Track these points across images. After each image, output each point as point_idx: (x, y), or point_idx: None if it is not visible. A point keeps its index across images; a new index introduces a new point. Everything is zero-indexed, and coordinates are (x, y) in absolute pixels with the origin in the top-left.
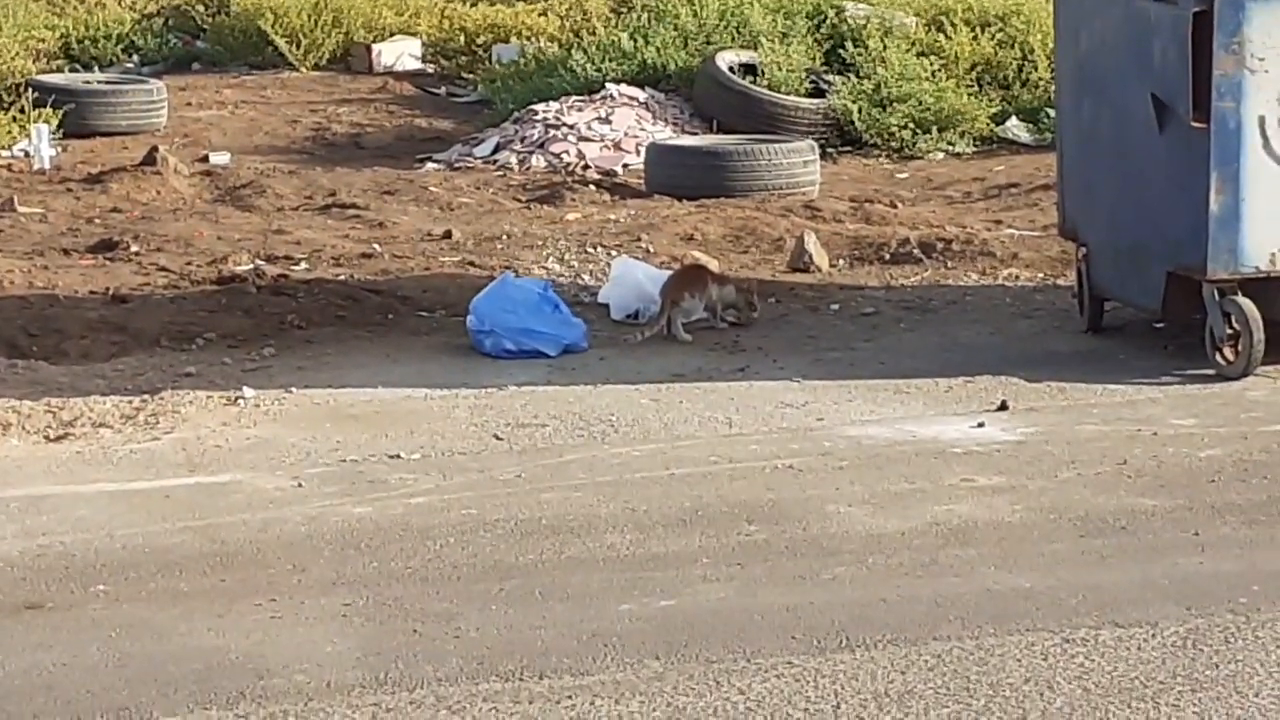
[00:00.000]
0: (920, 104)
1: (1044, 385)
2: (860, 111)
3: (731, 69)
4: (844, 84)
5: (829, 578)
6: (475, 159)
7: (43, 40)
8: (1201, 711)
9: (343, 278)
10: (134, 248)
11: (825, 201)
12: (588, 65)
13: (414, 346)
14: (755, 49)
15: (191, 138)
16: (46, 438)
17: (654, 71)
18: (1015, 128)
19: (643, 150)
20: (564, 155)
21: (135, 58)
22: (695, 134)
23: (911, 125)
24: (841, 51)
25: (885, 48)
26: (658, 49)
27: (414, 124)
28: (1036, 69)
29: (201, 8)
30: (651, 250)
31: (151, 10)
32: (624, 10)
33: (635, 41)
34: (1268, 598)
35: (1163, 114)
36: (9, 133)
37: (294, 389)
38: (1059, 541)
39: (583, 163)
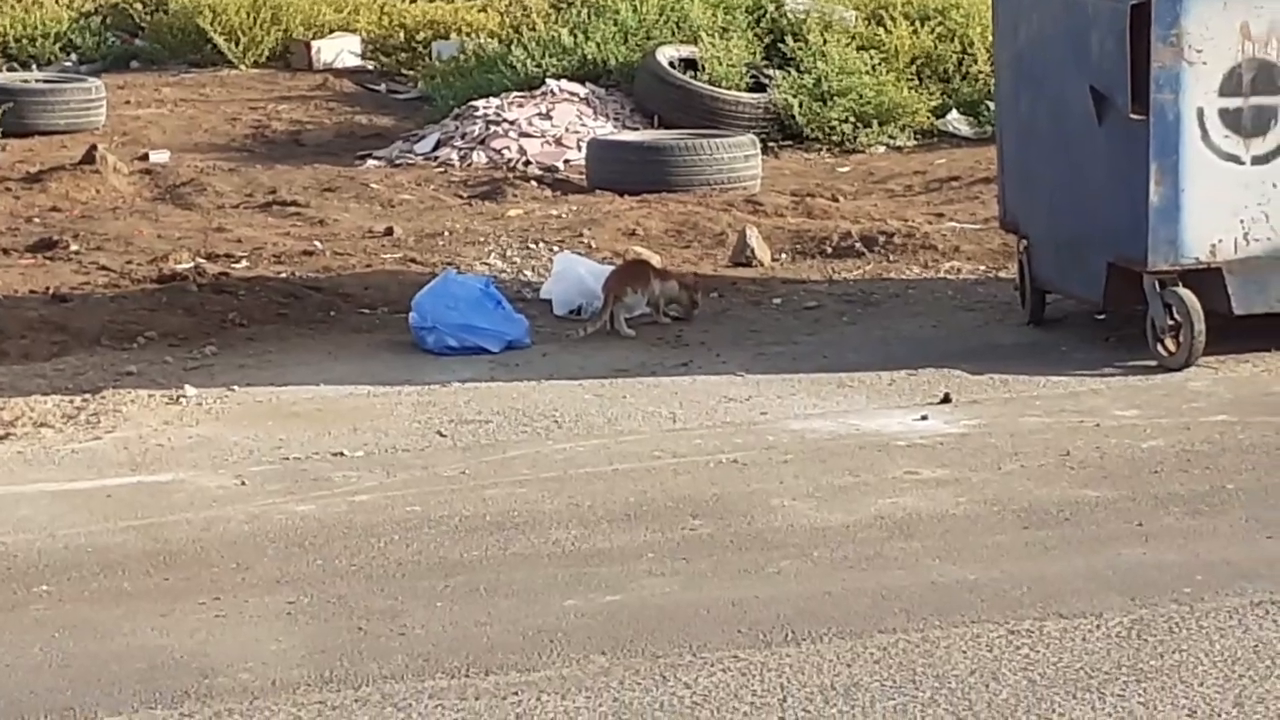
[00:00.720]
0: (860, 98)
1: (986, 378)
2: (801, 106)
3: (672, 64)
4: (784, 78)
5: (774, 571)
6: (416, 156)
7: None
8: (1147, 701)
9: (284, 275)
10: (74, 247)
11: (767, 196)
12: (528, 61)
13: (356, 344)
14: (695, 44)
15: (131, 136)
16: None
17: (594, 67)
18: (955, 121)
19: (584, 146)
20: (505, 151)
21: (73, 56)
22: (636, 129)
23: (852, 119)
24: (781, 46)
25: (825, 42)
26: (598, 44)
27: (354, 121)
28: (976, 62)
29: (140, 6)
30: (594, 246)
31: (89, 8)
32: (564, 6)
33: (575, 37)
34: (1211, 588)
35: (1101, 106)
36: None
37: (236, 387)
38: (1003, 533)
39: (524, 159)
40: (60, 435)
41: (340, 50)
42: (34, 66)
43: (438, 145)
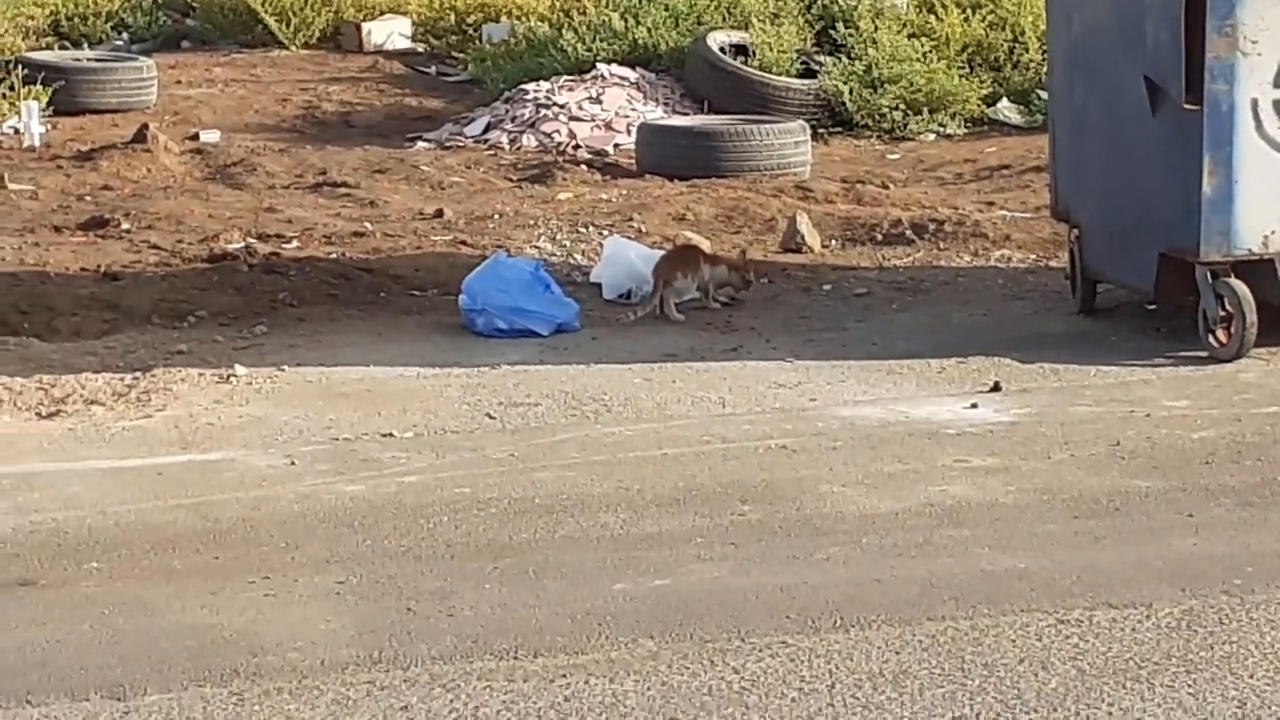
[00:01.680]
0: (911, 85)
1: (1037, 366)
2: (851, 92)
3: (723, 49)
4: (835, 65)
5: (823, 558)
6: (466, 138)
7: (32, 17)
8: (1196, 693)
9: (334, 256)
10: (125, 225)
11: (817, 182)
12: (578, 45)
13: (406, 325)
14: (746, 29)
15: (182, 116)
16: (39, 415)
17: (645, 51)
18: (1006, 109)
19: (634, 130)
20: (555, 135)
21: (125, 35)
22: (686, 114)
23: (903, 106)
24: (833, 32)
25: (876, 29)
26: (649, 29)
27: (404, 103)
28: (1028, 50)
29: None
30: (644, 230)
31: None
32: None
33: (626, 21)
34: (1262, 579)
35: (1155, 96)
36: None
37: (286, 367)
38: (1053, 522)
39: (574, 142)
40: (111, 413)
41: (391, 32)
42: (86, 45)
43: (488, 128)
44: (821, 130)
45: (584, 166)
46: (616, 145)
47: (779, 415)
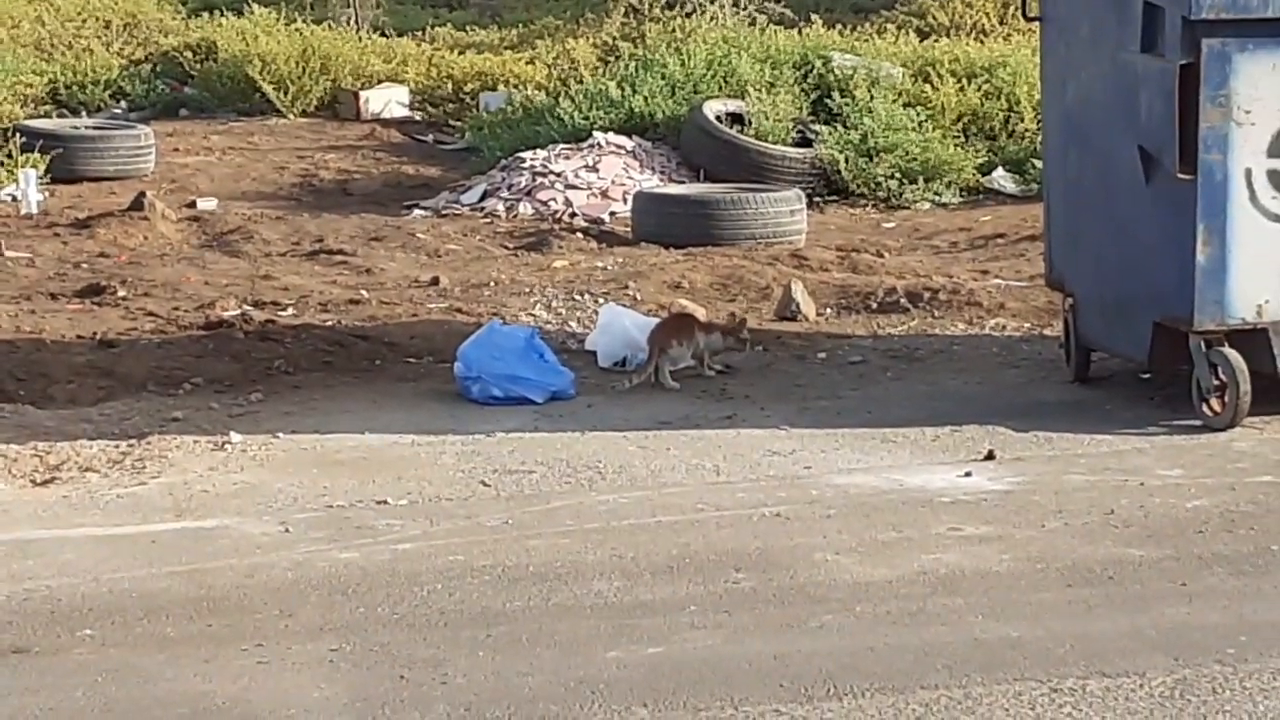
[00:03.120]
0: (907, 154)
1: (1031, 435)
2: (847, 161)
3: (719, 118)
4: (831, 134)
5: (816, 626)
6: (462, 206)
7: (30, 85)
8: None
9: (330, 324)
10: (121, 292)
11: (812, 250)
12: (575, 113)
13: (401, 392)
14: (742, 98)
15: (179, 183)
16: (33, 481)
17: (641, 120)
18: (1001, 178)
19: (630, 198)
20: (551, 203)
21: (123, 103)
22: (682, 182)
23: (898, 175)
24: (828, 101)
25: (872, 98)
26: (645, 98)
27: (401, 171)
28: (1023, 120)
29: (190, 54)
30: (639, 298)
31: (139, 56)
32: (611, 59)
33: (622, 90)
34: (1255, 648)
35: (1149, 166)
36: None
37: (281, 434)
38: (1046, 591)
39: (570, 210)
40: (106, 480)
41: (388, 100)
42: (84, 113)
43: (484, 196)
44: (817, 199)
45: (580, 234)
46: (613, 213)
47: (773, 483)
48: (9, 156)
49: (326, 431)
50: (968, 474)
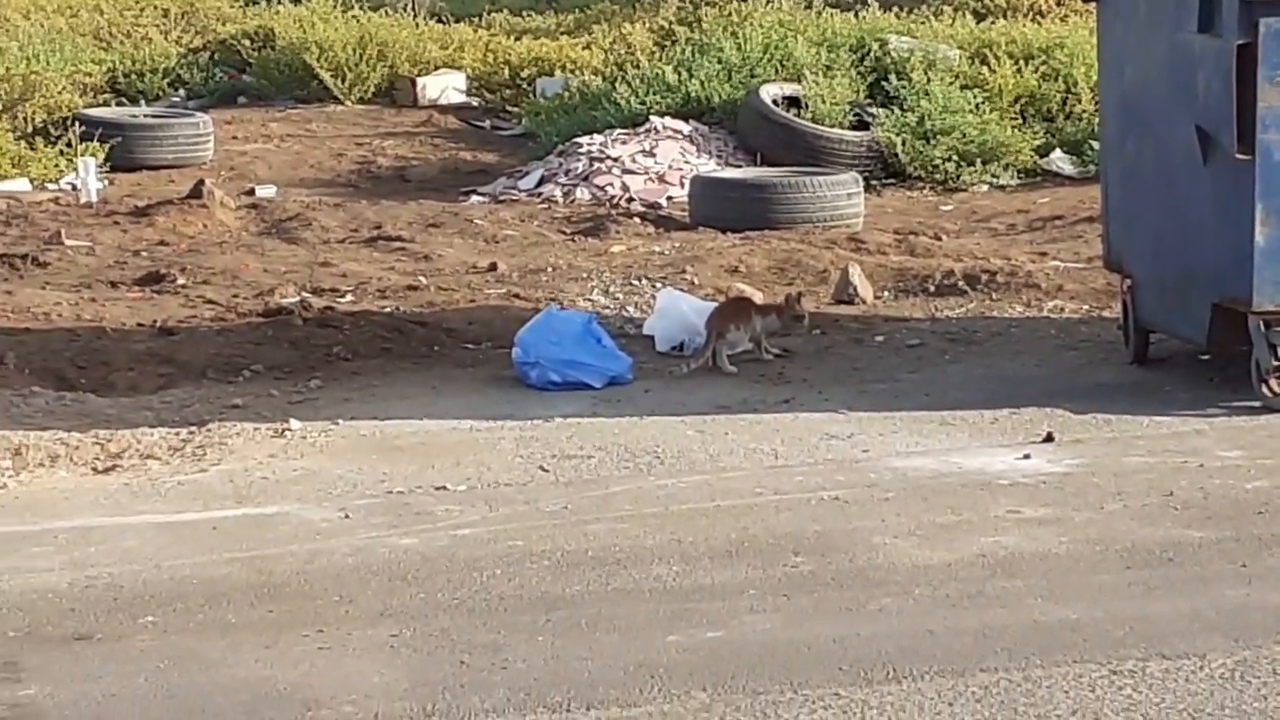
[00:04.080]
0: (964, 136)
1: (1090, 417)
2: (904, 144)
3: (775, 102)
4: (887, 117)
5: (875, 609)
6: (520, 192)
7: (89, 74)
8: None
9: (388, 310)
10: (181, 280)
11: (869, 234)
12: (631, 98)
13: (459, 378)
14: (799, 82)
15: (237, 171)
16: (94, 469)
17: (698, 104)
18: (1059, 160)
19: (687, 183)
20: (608, 188)
21: (181, 92)
22: (739, 166)
23: (955, 158)
24: (885, 84)
25: (929, 80)
26: (701, 82)
27: (459, 157)
28: (1080, 102)
29: (247, 42)
30: (696, 282)
31: (198, 45)
32: (667, 43)
33: (679, 74)
34: None
35: (1207, 146)
36: (56, 166)
37: (340, 421)
38: (1105, 573)
39: (627, 195)
40: (167, 467)
41: (445, 87)
42: (142, 102)
43: (541, 181)
44: (874, 182)
45: (637, 219)
46: (669, 198)
47: (831, 467)
48: (69, 145)
49: (385, 418)
50: (1026, 456)
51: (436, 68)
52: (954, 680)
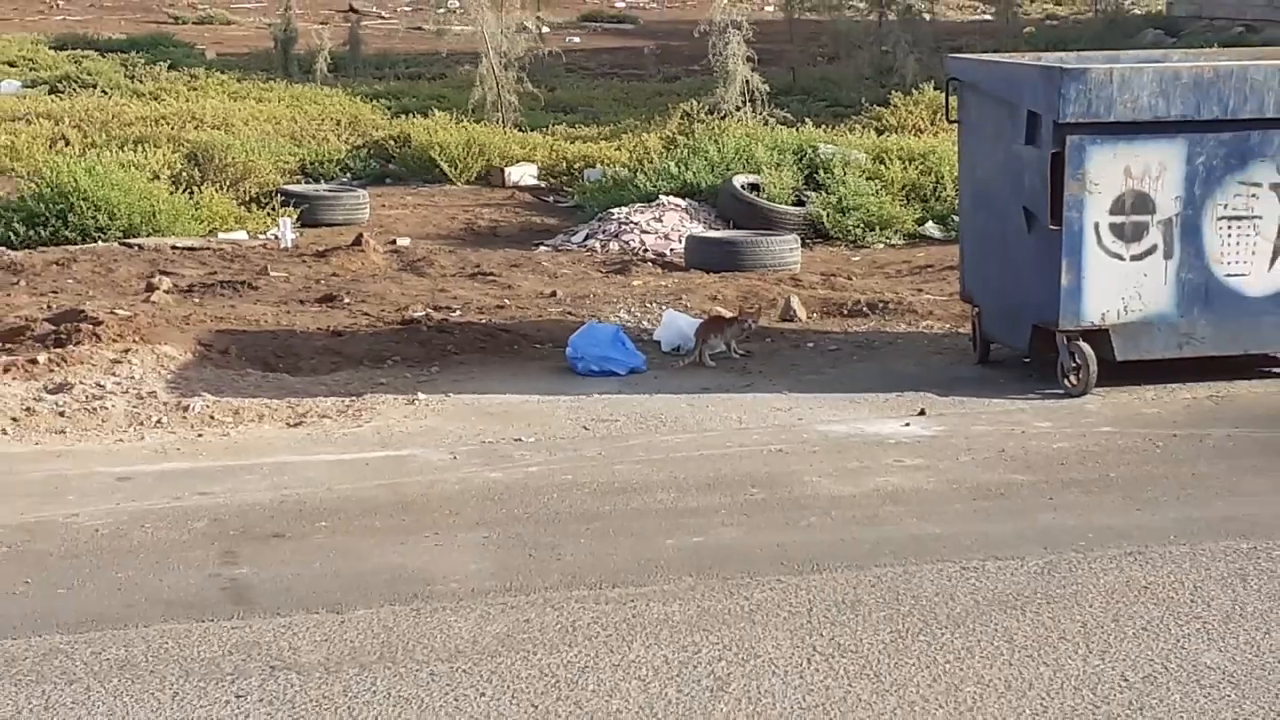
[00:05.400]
0: (868, 211)
1: (950, 399)
2: (828, 216)
3: (743, 187)
4: (818, 197)
5: (805, 525)
6: (572, 244)
7: (287, 162)
8: (1054, 616)
9: (483, 321)
10: (346, 300)
11: (804, 275)
12: (647, 183)
13: (530, 368)
14: (759, 173)
15: (384, 227)
16: (287, 424)
17: (692, 188)
18: (931, 228)
19: (684, 240)
20: (631, 243)
21: (348, 174)
22: (718, 230)
23: (862, 225)
24: (816, 176)
25: (845, 174)
26: (694, 173)
27: (531, 220)
28: (946, 189)
29: (392, 142)
30: (688, 306)
31: (359, 143)
32: (672, 147)
33: (679, 168)
34: (1099, 542)
35: (1031, 221)
36: (264, 223)
37: (451, 394)
38: (959, 503)
39: (644, 248)
40: (335, 424)
41: (523, 173)
42: (322, 180)
43: (586, 238)
44: (808, 241)
45: (650, 264)
46: (672, 249)
47: (777, 429)
48: (273, 209)
49: (481, 393)
50: (907, 424)
51: (517, 160)
52: (857, 572)
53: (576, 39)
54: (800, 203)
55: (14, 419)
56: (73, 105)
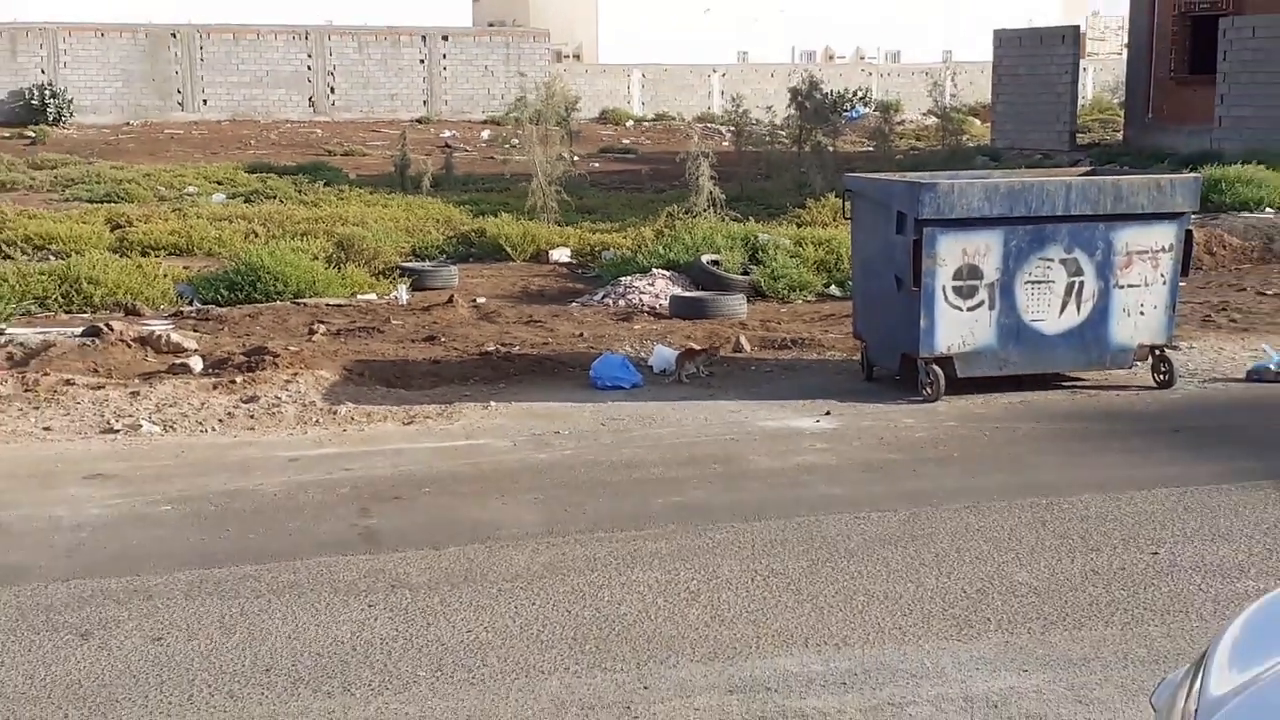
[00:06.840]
0: (791, 278)
1: (847, 404)
2: (765, 281)
3: (708, 262)
4: (758, 269)
5: (750, 488)
6: (594, 302)
7: (403, 248)
8: (917, 550)
9: (535, 353)
10: (442, 339)
11: (750, 321)
12: (644, 260)
13: (566, 384)
14: (719, 253)
15: (468, 291)
16: (402, 423)
17: (674, 263)
18: (834, 289)
19: (669, 298)
20: (633, 300)
21: (444, 255)
22: (692, 291)
23: (788, 287)
24: (757, 255)
25: (776, 253)
26: (675, 253)
27: (566, 285)
28: (843, 263)
29: (473, 233)
30: (671, 342)
31: (450, 234)
32: (660, 236)
33: (666, 250)
34: (938, 499)
35: (900, 285)
36: (388, 288)
37: (513, 402)
38: (853, 474)
39: (642, 304)
40: (435, 422)
41: (562, 254)
42: (426, 260)
43: (603, 297)
44: (751, 299)
45: (646, 314)
46: (660, 304)
47: (731, 425)
48: (394, 279)
49: (532, 401)
50: (818, 421)
51: (557, 245)
52: (783, 521)
53: (596, 164)
54: (746, 273)
55: (220, 420)
56: (260, 210)
